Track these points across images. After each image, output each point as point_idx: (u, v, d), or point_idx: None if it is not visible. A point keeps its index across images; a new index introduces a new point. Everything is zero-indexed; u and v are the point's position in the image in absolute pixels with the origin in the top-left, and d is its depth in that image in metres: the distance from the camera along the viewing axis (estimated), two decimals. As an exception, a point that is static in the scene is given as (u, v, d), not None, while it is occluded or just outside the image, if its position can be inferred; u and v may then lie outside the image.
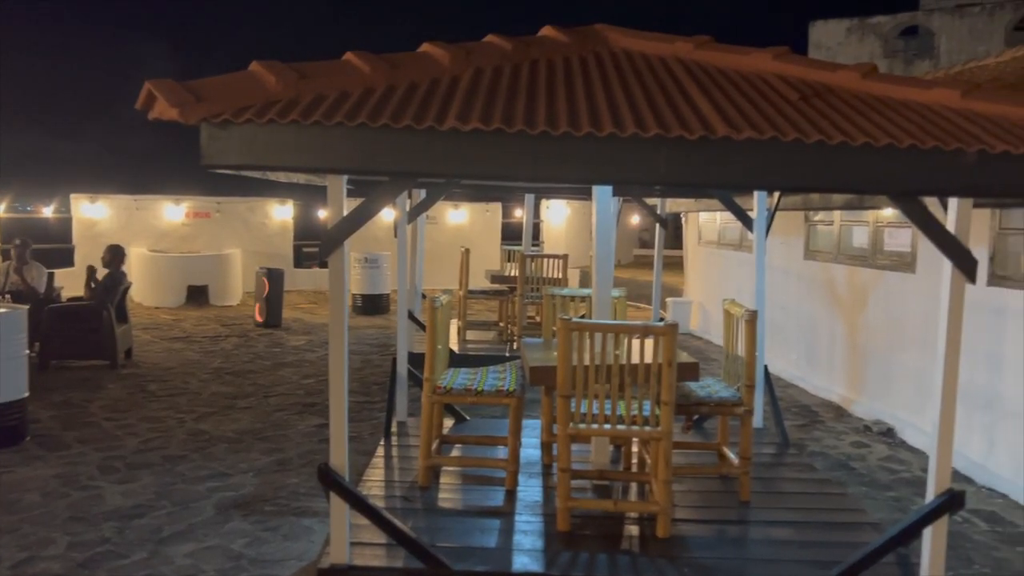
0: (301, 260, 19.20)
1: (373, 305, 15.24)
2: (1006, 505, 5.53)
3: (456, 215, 19.76)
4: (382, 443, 5.44)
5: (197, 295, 15.88)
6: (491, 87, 3.25)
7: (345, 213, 3.31)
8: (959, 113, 3.28)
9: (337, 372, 3.41)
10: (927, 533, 3.47)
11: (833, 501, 4.61)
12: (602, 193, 4.63)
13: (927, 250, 6.96)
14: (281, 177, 8.35)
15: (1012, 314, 5.86)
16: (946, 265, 3.42)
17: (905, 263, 7.42)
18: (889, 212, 7.67)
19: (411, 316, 8.07)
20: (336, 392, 3.42)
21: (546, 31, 4.10)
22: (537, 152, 2.92)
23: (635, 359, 3.92)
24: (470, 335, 9.73)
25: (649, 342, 3.91)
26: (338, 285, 3.39)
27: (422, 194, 7.14)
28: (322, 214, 18.36)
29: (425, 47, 3.56)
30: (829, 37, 24.26)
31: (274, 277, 13.39)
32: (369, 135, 2.85)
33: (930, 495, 3.46)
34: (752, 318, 4.49)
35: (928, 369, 6.76)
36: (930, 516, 3.44)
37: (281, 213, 18.66)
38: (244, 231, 18.12)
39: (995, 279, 6.03)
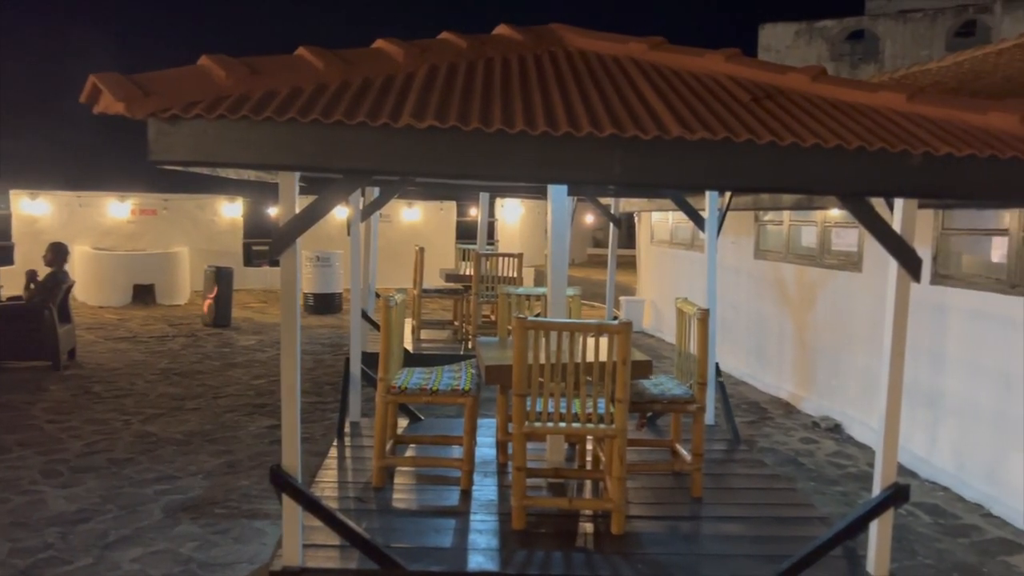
0: (251, 258, 18.91)
1: (325, 304, 15.07)
2: (948, 498, 5.69)
3: (410, 213, 19.65)
4: (335, 444, 5.38)
5: (143, 294, 15.53)
6: (446, 85, 3.23)
7: (297, 211, 3.27)
8: (905, 116, 3.35)
9: (289, 372, 3.37)
10: (873, 526, 3.56)
11: (783, 496, 4.69)
12: (557, 192, 4.64)
13: (873, 250, 7.13)
14: (231, 174, 8.21)
15: (954, 312, 6.03)
16: (892, 264, 3.50)
17: (852, 262, 7.59)
18: (836, 213, 7.83)
19: (365, 316, 8.01)
20: (288, 392, 3.37)
21: (501, 29, 4.09)
22: (493, 151, 2.91)
23: (590, 357, 3.94)
24: (424, 334, 9.69)
25: (603, 340, 3.93)
26: (290, 284, 3.34)
27: (376, 192, 7.08)
28: (273, 212, 18.12)
29: (379, 43, 3.53)
30: (778, 40, 24.72)
31: (223, 276, 13.16)
32: (322, 132, 2.81)
33: (876, 489, 3.54)
34: (704, 316, 4.54)
35: (874, 367, 6.93)
36: (876, 509, 3.52)
37: (231, 211, 18.35)
38: (192, 229, 17.78)
39: (938, 278, 6.19)
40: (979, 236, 6.18)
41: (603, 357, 3.92)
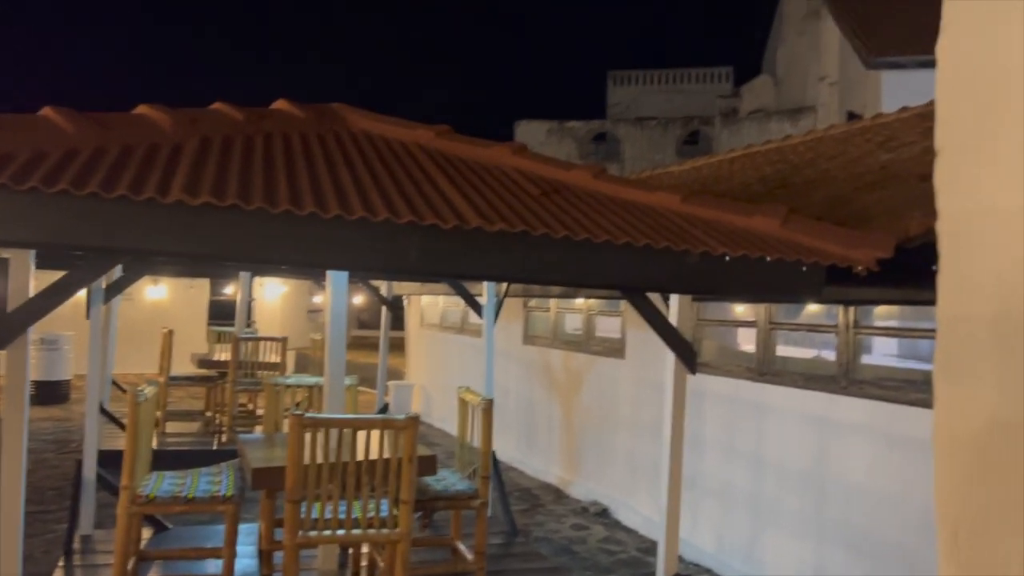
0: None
1: (50, 393, 13.25)
2: (710, 578, 5.92)
3: (155, 291, 18.11)
4: (61, 563, 4.57)
5: None
6: (222, 159, 2.93)
7: (31, 291, 2.76)
8: (680, 216, 3.52)
9: (12, 484, 2.78)
10: (658, 619, 3.56)
11: (564, 590, 4.61)
12: (338, 277, 4.38)
13: (634, 338, 7.50)
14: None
15: (710, 398, 6.43)
16: (669, 356, 3.62)
17: (615, 349, 7.92)
18: (595, 302, 8.18)
19: (102, 409, 7.09)
20: (9, 510, 2.78)
21: (280, 104, 3.86)
22: (277, 233, 2.64)
23: (372, 454, 3.67)
24: (171, 426, 8.77)
25: (387, 435, 3.68)
26: (19, 379, 2.80)
27: (118, 269, 6.36)
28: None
29: (142, 109, 3.16)
30: (532, 137, 26.27)
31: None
32: (72, 204, 2.39)
33: (660, 582, 3.56)
34: (489, 407, 4.43)
35: (637, 450, 7.20)
36: (662, 603, 3.54)
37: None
38: None
39: (696, 366, 6.58)
40: (730, 327, 6.70)
41: (387, 453, 3.66)
